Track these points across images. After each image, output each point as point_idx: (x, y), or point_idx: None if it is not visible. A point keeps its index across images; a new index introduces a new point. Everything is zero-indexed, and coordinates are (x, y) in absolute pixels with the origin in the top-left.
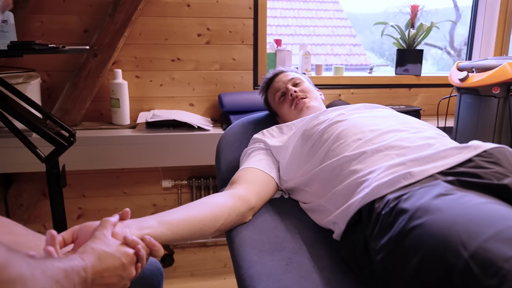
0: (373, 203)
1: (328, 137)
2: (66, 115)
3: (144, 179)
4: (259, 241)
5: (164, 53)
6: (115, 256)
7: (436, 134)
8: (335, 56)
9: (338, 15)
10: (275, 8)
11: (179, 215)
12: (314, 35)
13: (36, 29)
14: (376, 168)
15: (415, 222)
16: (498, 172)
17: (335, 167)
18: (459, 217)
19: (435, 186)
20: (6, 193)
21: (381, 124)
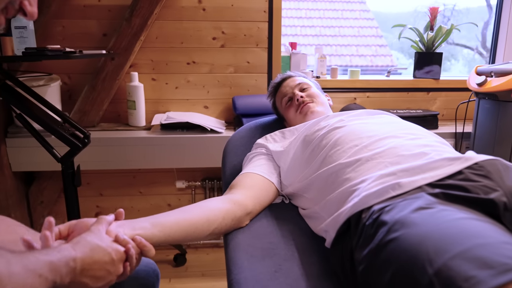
0: (361, 213)
1: (326, 143)
2: (84, 116)
3: (160, 180)
4: (252, 246)
5: (180, 56)
6: (106, 251)
7: (435, 141)
8: (360, 57)
9: (365, 15)
10: (300, 9)
11: (173, 218)
12: (339, 35)
13: (58, 33)
14: (367, 177)
15: (391, 235)
16: (486, 186)
17: (330, 174)
18: (431, 232)
19: (417, 199)
20: (28, 190)
21: (379, 130)
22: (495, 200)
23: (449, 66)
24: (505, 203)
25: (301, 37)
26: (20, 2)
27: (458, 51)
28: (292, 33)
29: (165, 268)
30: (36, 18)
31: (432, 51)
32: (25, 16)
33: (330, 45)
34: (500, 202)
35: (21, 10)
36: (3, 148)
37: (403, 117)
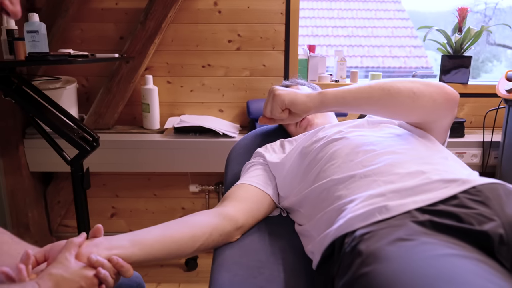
0: (345, 237)
1: (322, 156)
2: (100, 119)
3: (174, 183)
4: (237, 265)
5: (195, 59)
6: (74, 281)
7: (440, 157)
8: (393, 58)
9: (399, 15)
10: (332, 9)
11: (154, 234)
12: (372, 36)
13: (76, 36)
14: (357, 197)
15: (363, 270)
16: (481, 214)
17: (323, 190)
18: (402, 272)
19: (400, 228)
20: (46, 190)
21: (378, 144)
22: (489, 232)
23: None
24: (501, 236)
25: (332, 37)
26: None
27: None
28: (323, 34)
29: (176, 273)
30: (20, 16)
31: (461, 54)
32: (9, 16)
33: (363, 46)
34: (495, 234)
35: (3, 10)
36: (21, 148)
37: None
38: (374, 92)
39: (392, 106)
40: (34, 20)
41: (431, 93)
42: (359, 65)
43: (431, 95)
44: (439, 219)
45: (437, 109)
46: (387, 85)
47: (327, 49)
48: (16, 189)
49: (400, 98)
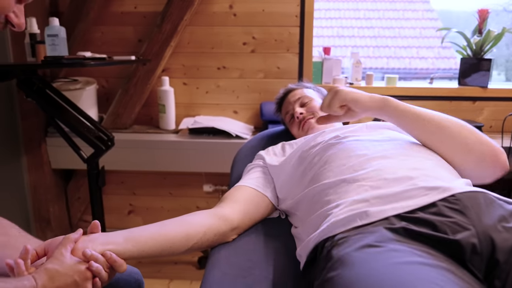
0: (326, 241)
1: (318, 160)
2: (118, 119)
3: (189, 182)
4: (230, 264)
5: (211, 61)
6: (68, 275)
7: (432, 163)
8: (420, 60)
9: (428, 15)
10: (359, 10)
11: (148, 232)
12: (398, 37)
13: (97, 39)
14: (342, 202)
15: (330, 274)
16: (457, 223)
17: (315, 194)
18: (362, 278)
19: (371, 234)
20: (67, 186)
21: (372, 148)
22: (461, 241)
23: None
24: (474, 245)
25: (358, 38)
26: (6, 16)
27: None
28: (349, 35)
29: (188, 270)
30: (23, 29)
31: (481, 57)
32: (14, 28)
33: (389, 46)
34: (467, 243)
35: (9, 23)
36: (43, 146)
37: None
38: (430, 125)
39: (440, 146)
40: (54, 24)
41: (483, 152)
42: (384, 66)
43: (482, 154)
44: (415, 227)
45: (480, 168)
46: (446, 124)
47: (352, 50)
48: (39, 185)
49: (452, 144)
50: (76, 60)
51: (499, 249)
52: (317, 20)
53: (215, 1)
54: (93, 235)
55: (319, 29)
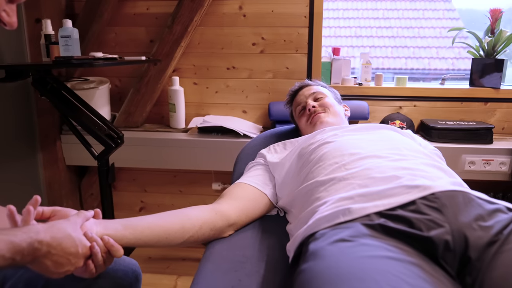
0: (310, 236)
1: (313, 158)
2: (129, 117)
3: (198, 180)
4: (223, 258)
5: (220, 61)
6: (75, 242)
7: (422, 163)
8: (440, 60)
9: (449, 14)
10: (378, 9)
11: (146, 222)
12: (418, 37)
13: (111, 39)
14: (329, 199)
15: (303, 266)
16: (432, 221)
17: (307, 191)
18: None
19: (347, 229)
20: (80, 183)
21: (366, 148)
22: (433, 238)
23: None
24: (446, 242)
25: (376, 38)
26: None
27: None
28: (367, 35)
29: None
30: (15, 27)
31: (493, 57)
32: (5, 26)
33: (408, 47)
34: (439, 240)
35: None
36: (58, 143)
37: (450, 129)
38: None
39: None
40: (67, 26)
41: None
42: (403, 67)
43: None
44: (392, 223)
45: None
46: None
47: (370, 50)
48: (53, 181)
49: None
50: (85, 60)
51: (472, 247)
52: (335, 20)
53: (225, 2)
54: (98, 220)
55: (336, 29)
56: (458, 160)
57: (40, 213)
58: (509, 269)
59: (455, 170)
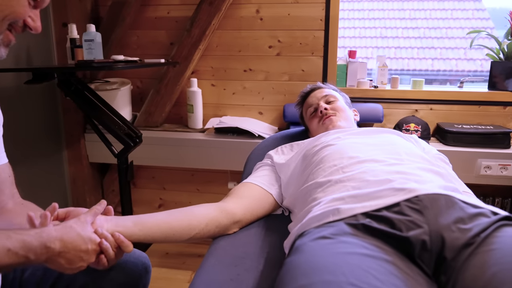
0: (301, 235)
1: (315, 160)
2: (149, 117)
3: (215, 179)
4: (226, 253)
5: (237, 63)
6: (85, 240)
7: (418, 168)
8: (468, 61)
9: (479, 14)
10: (404, 9)
11: (155, 219)
12: (445, 37)
13: (133, 42)
14: (323, 200)
15: (286, 260)
16: (413, 222)
17: (306, 192)
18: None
19: (330, 228)
20: (103, 179)
21: (365, 152)
22: (410, 238)
23: None
24: (423, 242)
25: (402, 39)
26: (23, 20)
27: None
28: (392, 35)
29: None
30: (40, 31)
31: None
32: (31, 31)
33: (435, 48)
34: (417, 240)
35: (26, 26)
36: (82, 141)
37: (466, 133)
38: None
39: None
40: (91, 30)
41: None
42: (429, 68)
43: None
44: (375, 224)
45: None
46: None
47: (395, 51)
48: (77, 177)
49: None
50: (105, 64)
51: (448, 247)
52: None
53: (242, 6)
54: (109, 217)
55: (361, 30)
56: (473, 164)
57: (56, 215)
58: (480, 270)
59: (470, 174)
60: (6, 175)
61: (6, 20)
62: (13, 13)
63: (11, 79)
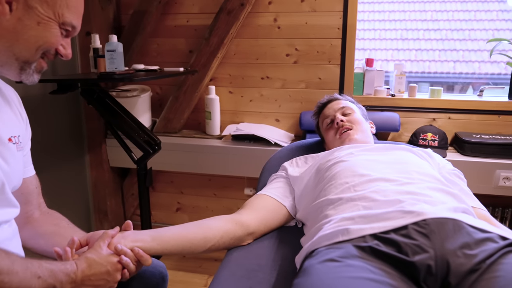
0: (312, 253)
1: (328, 175)
2: (168, 124)
3: (231, 185)
4: (239, 265)
5: (255, 71)
6: (103, 264)
7: (428, 188)
8: (492, 64)
9: (503, 16)
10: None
11: (171, 233)
12: (468, 39)
13: (153, 50)
14: (333, 218)
15: (295, 280)
16: (419, 246)
17: (318, 208)
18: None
19: (338, 250)
20: (123, 183)
21: (377, 170)
22: (416, 263)
23: None
24: (429, 266)
25: (423, 41)
26: (56, 48)
27: None
28: (413, 37)
29: None
30: (70, 58)
31: None
32: (61, 57)
33: (457, 50)
34: (422, 265)
35: (58, 54)
36: (103, 146)
37: (484, 144)
38: None
39: None
40: (113, 40)
41: None
42: (451, 71)
43: None
44: (382, 246)
45: None
46: None
47: (415, 53)
48: (99, 181)
49: None
50: (126, 75)
51: (453, 273)
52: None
53: (260, 14)
54: (126, 233)
55: (381, 32)
56: (491, 175)
57: (79, 244)
58: None
59: (488, 185)
60: (34, 186)
61: (40, 50)
62: (47, 43)
63: (37, 89)
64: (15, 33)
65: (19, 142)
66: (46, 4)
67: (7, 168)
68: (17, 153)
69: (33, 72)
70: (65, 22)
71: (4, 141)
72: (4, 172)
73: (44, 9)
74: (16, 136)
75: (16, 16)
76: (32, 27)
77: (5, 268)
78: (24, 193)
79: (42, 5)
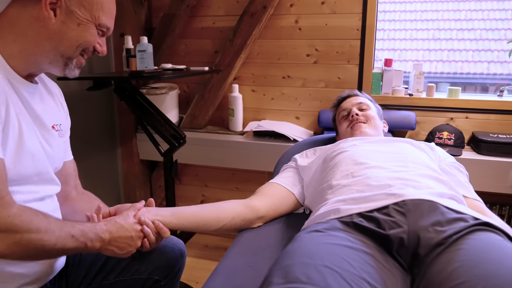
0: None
1: (331, 164)
2: (194, 120)
3: (253, 179)
4: (248, 244)
5: (277, 71)
6: (128, 230)
7: (419, 174)
8: None
9: None
10: (460, 10)
11: (189, 211)
12: (504, 39)
13: (181, 50)
14: (329, 201)
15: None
16: (395, 222)
17: (320, 192)
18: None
19: (325, 224)
20: (151, 175)
21: (374, 159)
22: (390, 236)
23: None
24: (401, 239)
25: (456, 41)
26: (93, 46)
27: None
28: (446, 37)
29: None
30: (105, 54)
31: None
32: (98, 54)
33: (492, 50)
34: (396, 238)
35: (95, 51)
36: (134, 140)
37: (500, 143)
38: None
39: None
40: (144, 42)
41: None
42: (484, 72)
43: None
44: (365, 222)
45: None
46: None
47: (448, 53)
48: (129, 172)
49: None
50: (154, 74)
51: (422, 245)
52: (412, 22)
53: (282, 16)
54: (150, 208)
55: (413, 32)
56: (507, 174)
57: (107, 213)
58: (445, 266)
59: (504, 184)
60: (72, 169)
61: (79, 47)
62: (86, 42)
63: (76, 85)
64: (60, 34)
65: (60, 129)
66: (83, 8)
67: (50, 151)
68: (58, 139)
69: (74, 67)
70: (101, 23)
71: (48, 128)
72: (48, 154)
73: (83, 13)
74: (58, 124)
75: (60, 20)
76: (73, 28)
77: (43, 227)
78: (63, 174)
79: (80, 9)
